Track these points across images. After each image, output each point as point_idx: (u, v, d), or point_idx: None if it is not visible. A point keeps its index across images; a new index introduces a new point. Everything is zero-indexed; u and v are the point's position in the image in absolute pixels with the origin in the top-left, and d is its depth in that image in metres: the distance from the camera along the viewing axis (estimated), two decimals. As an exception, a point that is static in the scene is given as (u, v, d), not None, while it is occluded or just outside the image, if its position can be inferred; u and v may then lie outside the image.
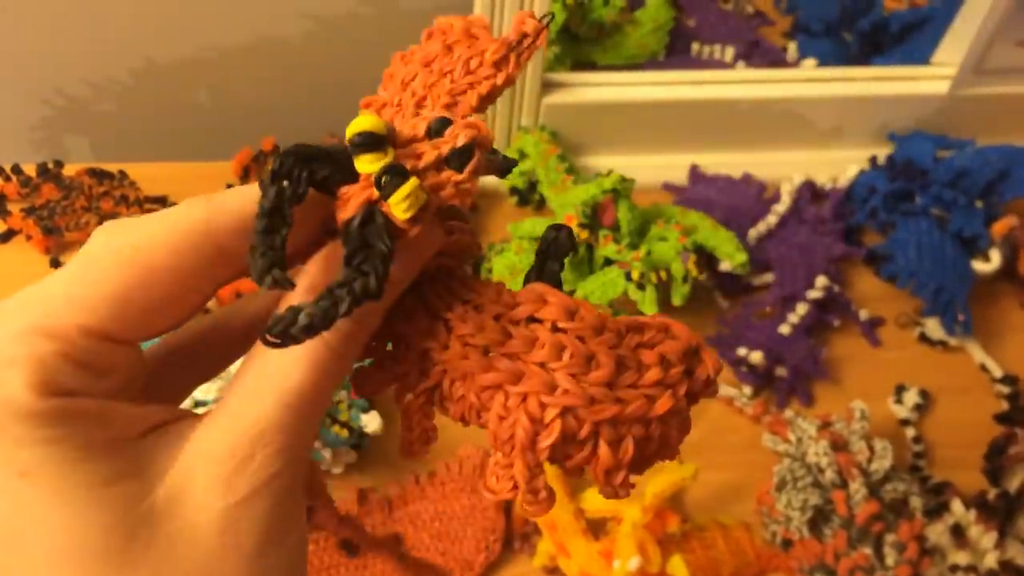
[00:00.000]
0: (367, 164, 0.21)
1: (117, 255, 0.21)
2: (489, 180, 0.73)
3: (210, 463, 0.20)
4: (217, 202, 0.22)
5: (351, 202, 0.22)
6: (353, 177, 0.22)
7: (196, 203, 0.22)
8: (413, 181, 0.21)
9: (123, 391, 0.22)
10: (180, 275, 0.21)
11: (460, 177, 0.22)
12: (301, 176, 0.21)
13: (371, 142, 0.21)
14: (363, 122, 0.21)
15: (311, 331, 0.20)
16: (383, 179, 0.21)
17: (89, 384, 0.21)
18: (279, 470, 0.21)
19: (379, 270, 0.21)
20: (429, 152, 0.22)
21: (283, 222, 0.21)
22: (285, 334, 0.20)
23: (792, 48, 0.83)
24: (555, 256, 0.26)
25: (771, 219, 0.70)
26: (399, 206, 0.21)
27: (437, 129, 0.23)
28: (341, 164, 0.22)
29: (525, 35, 0.25)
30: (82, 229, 0.65)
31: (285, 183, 0.21)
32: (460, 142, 0.22)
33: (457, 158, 0.22)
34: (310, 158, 0.21)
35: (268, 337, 0.20)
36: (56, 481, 0.19)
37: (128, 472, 0.20)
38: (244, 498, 0.20)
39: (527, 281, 0.26)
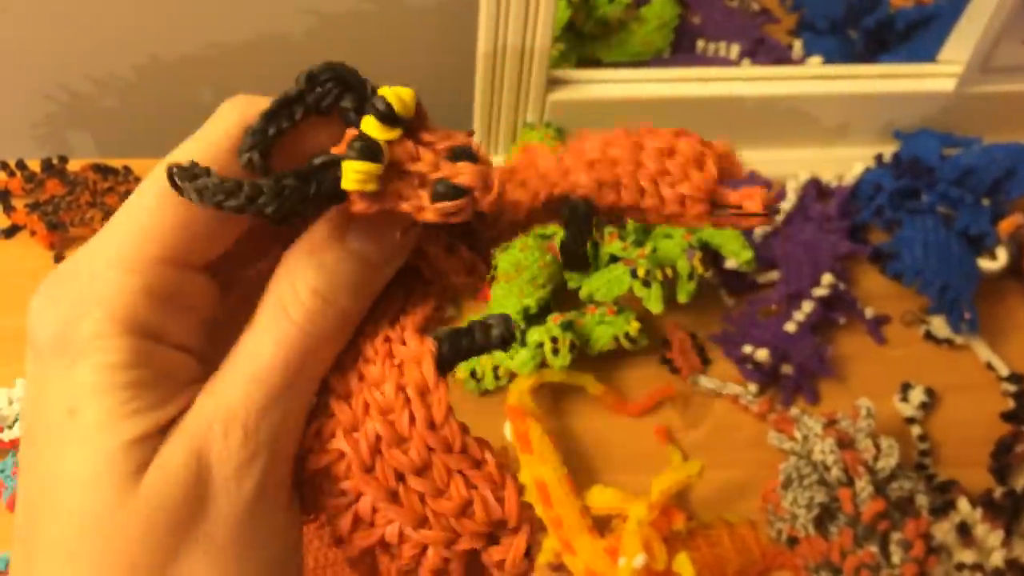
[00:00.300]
0: (371, 126, 0.21)
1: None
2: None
3: (187, 445, 0.20)
4: (252, 109, 0.22)
5: (341, 143, 0.22)
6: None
7: (231, 111, 0.22)
8: (375, 167, 0.21)
9: (201, 330, 0.22)
10: None
11: (426, 206, 0.21)
12: (331, 91, 0.21)
13: (387, 114, 0.21)
14: (394, 92, 0.21)
15: (197, 196, 0.20)
16: (355, 143, 0.21)
17: (169, 320, 0.21)
18: (251, 455, 0.21)
19: (285, 198, 0.20)
20: (424, 164, 0.21)
21: (290, 117, 0.21)
22: (172, 177, 0.20)
23: (798, 46, 0.83)
24: (574, 232, 0.25)
25: (776, 217, 0.70)
26: (348, 175, 0.20)
27: (457, 154, 0.22)
28: (363, 108, 0.22)
29: (741, 208, 0.24)
30: (87, 224, 0.65)
31: (317, 89, 0.21)
32: (457, 180, 0.21)
33: (442, 190, 0.21)
34: (348, 85, 0.21)
35: (168, 169, 0.20)
36: (95, 425, 0.20)
37: (150, 436, 0.20)
38: (216, 485, 0.20)
39: (562, 251, 0.25)
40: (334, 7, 0.79)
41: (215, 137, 0.21)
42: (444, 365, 0.22)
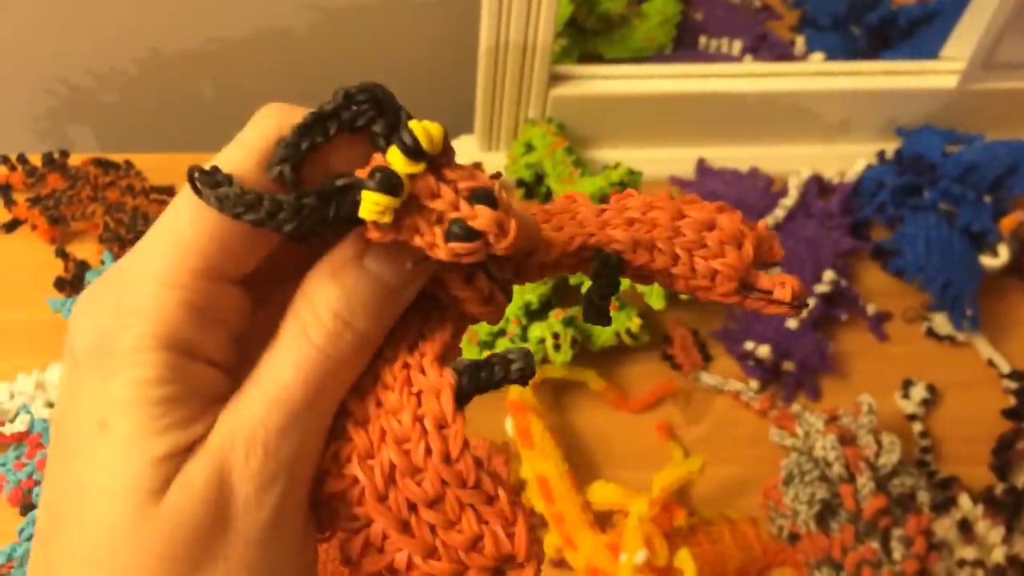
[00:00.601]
0: (396, 158, 0.21)
1: None
2: (496, 171, 0.73)
3: (209, 463, 0.20)
4: (287, 119, 0.21)
5: (367, 167, 0.22)
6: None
7: (267, 119, 0.22)
8: (392, 201, 0.20)
9: (233, 344, 0.22)
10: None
11: (439, 244, 0.21)
12: (366, 112, 0.21)
13: (413, 148, 0.21)
14: (423, 127, 0.21)
15: (218, 204, 0.20)
16: (375, 174, 0.21)
17: (203, 335, 0.21)
18: (271, 476, 0.21)
19: (304, 217, 0.20)
20: (443, 202, 0.21)
21: (324, 133, 0.21)
22: (193, 181, 0.20)
23: (800, 42, 0.83)
24: (600, 287, 0.25)
25: (778, 213, 0.70)
26: (365, 204, 0.20)
27: (477, 196, 0.21)
28: (392, 135, 0.21)
29: (771, 293, 0.25)
30: (88, 219, 0.65)
31: (352, 107, 0.21)
32: (473, 223, 0.21)
33: (456, 230, 0.21)
34: (383, 109, 0.21)
35: (190, 172, 0.21)
36: (125, 440, 0.20)
37: (178, 453, 0.20)
38: (237, 505, 0.20)
39: (586, 301, 0.25)
40: (336, 1, 0.79)
41: (250, 145, 0.21)
42: (462, 398, 0.22)
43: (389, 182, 0.20)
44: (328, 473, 0.22)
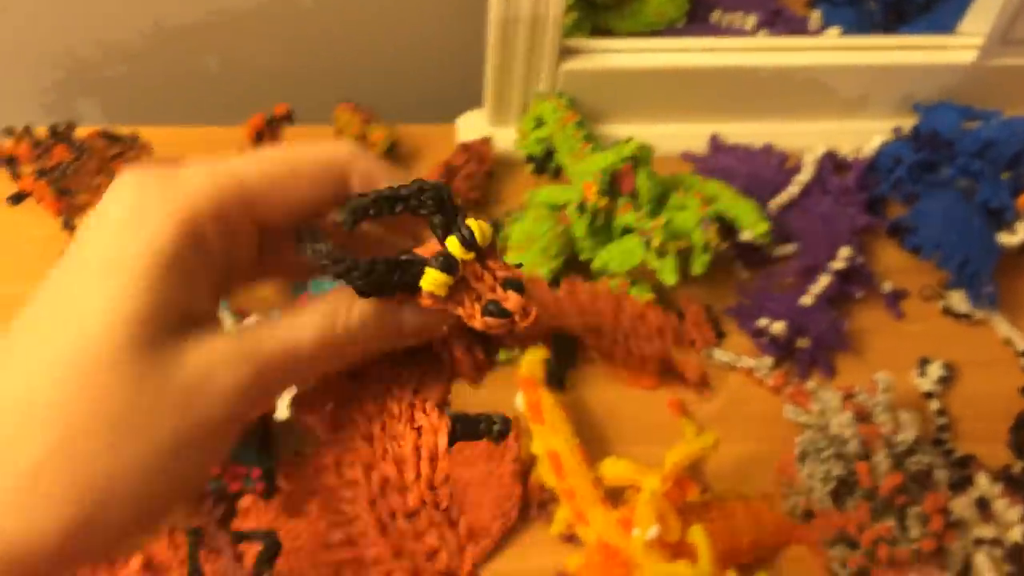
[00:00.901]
0: (454, 246, 0.26)
1: (281, 153, 0.27)
2: (506, 146, 0.72)
3: (206, 355, 0.24)
4: (366, 166, 0.28)
5: (425, 245, 0.28)
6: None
7: (340, 150, 0.28)
8: (449, 279, 0.26)
9: (225, 277, 0.27)
10: (317, 187, 0.27)
11: (477, 317, 0.26)
12: (430, 206, 0.26)
13: (470, 241, 0.26)
14: (479, 226, 0.26)
15: (311, 254, 0.26)
16: (439, 257, 0.26)
17: (221, 244, 0.25)
18: (245, 390, 0.24)
19: (372, 280, 0.26)
20: (484, 285, 0.27)
21: (390, 209, 0.26)
22: (300, 233, 0.27)
23: (815, 17, 0.82)
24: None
25: (793, 189, 0.69)
26: (427, 278, 0.26)
27: (510, 283, 0.27)
28: (451, 226, 0.26)
29: (685, 376, 0.33)
30: (94, 191, 0.64)
31: (421, 198, 0.26)
32: (506, 304, 0.26)
33: (492, 308, 0.26)
34: (444, 208, 0.26)
35: (300, 228, 0.28)
36: (134, 282, 0.23)
37: (175, 316, 0.24)
38: (206, 398, 0.23)
39: (546, 371, 0.33)
40: (344, -24, 0.78)
41: (321, 163, 0.27)
42: (453, 441, 0.28)
43: (450, 264, 0.26)
44: (328, 470, 0.27)
